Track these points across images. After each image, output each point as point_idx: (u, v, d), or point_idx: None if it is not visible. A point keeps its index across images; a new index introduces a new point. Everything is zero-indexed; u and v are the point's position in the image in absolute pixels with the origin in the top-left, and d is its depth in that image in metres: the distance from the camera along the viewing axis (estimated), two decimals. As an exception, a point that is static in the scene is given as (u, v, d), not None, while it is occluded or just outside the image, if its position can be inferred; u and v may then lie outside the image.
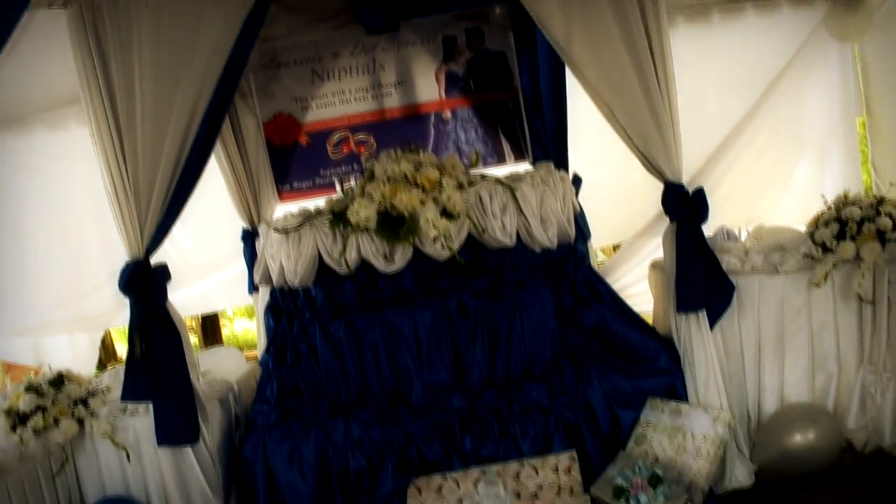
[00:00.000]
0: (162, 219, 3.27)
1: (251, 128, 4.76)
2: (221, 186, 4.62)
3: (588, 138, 4.62)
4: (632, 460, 3.27)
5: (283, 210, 4.61)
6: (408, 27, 4.72)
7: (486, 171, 4.36)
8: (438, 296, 3.53)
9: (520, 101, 4.76)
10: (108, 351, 7.12)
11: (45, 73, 3.96)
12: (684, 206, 3.42)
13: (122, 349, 6.80)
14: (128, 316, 3.33)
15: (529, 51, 4.60)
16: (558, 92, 4.35)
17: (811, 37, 4.30)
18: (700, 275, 3.40)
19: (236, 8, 3.29)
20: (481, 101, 4.80)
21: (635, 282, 4.57)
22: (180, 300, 3.71)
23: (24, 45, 3.49)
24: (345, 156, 4.85)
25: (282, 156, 4.85)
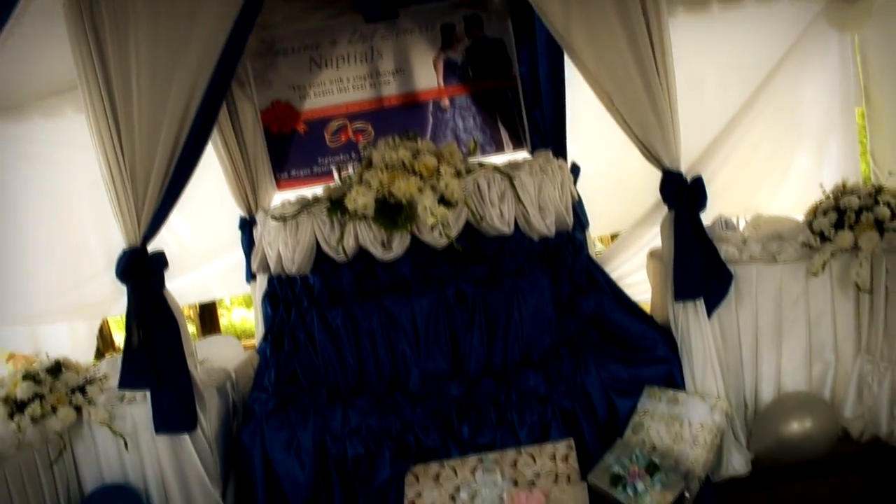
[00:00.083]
0: (159, 206, 3.26)
1: (249, 116, 4.74)
2: (219, 174, 4.61)
3: (587, 127, 4.60)
4: (629, 448, 3.27)
5: (281, 198, 4.60)
6: (406, 15, 4.71)
7: (484, 159, 4.36)
8: (436, 283, 3.52)
9: (518, 89, 4.74)
10: (105, 340, 7.12)
11: (41, 60, 3.92)
12: (682, 194, 3.41)
13: (120, 338, 6.80)
14: (125, 304, 3.33)
15: (528, 38, 4.58)
16: (557, 80, 4.34)
17: (810, 26, 4.28)
18: (698, 263, 3.40)
19: (234, -5, 3.28)
20: (479, 89, 4.78)
21: (633, 271, 4.56)
22: (178, 288, 3.70)
23: (21, 31, 3.46)
24: (343, 144, 4.83)
25: (279, 144, 4.84)
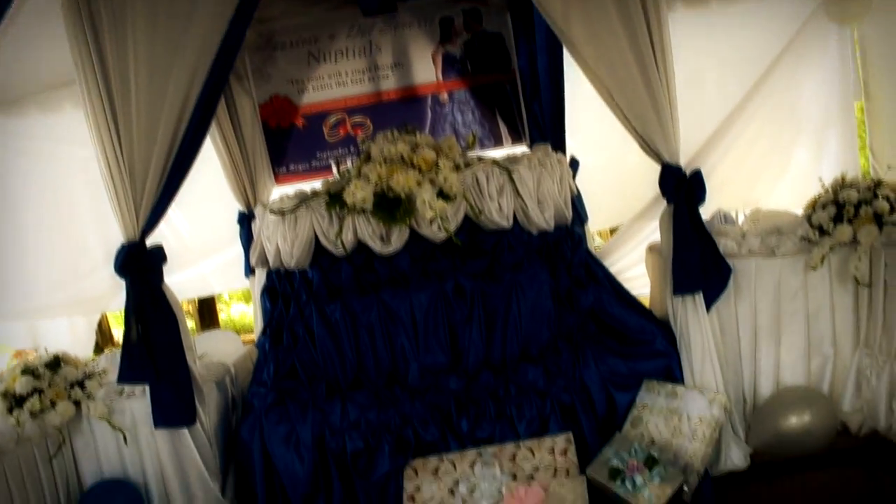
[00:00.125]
0: (157, 200, 3.25)
1: (247, 110, 4.73)
2: (217, 169, 4.60)
3: (586, 122, 4.60)
4: (628, 442, 3.27)
5: (280, 193, 4.59)
6: (405, 9, 4.69)
7: (483, 153, 4.35)
8: (435, 277, 3.51)
9: (517, 83, 4.73)
10: (105, 335, 7.13)
11: (38, 54, 3.92)
12: (681, 188, 3.40)
13: (119, 333, 6.80)
14: (124, 299, 3.32)
15: (527, 32, 4.57)
16: (556, 74, 4.34)
17: (809, 20, 4.26)
18: (697, 257, 3.39)
19: (232, -12, 3.27)
20: (478, 83, 4.77)
21: (632, 265, 4.56)
22: (177, 283, 3.71)
23: (18, 24, 3.45)
24: (341, 138, 4.82)
25: (278, 138, 4.83)
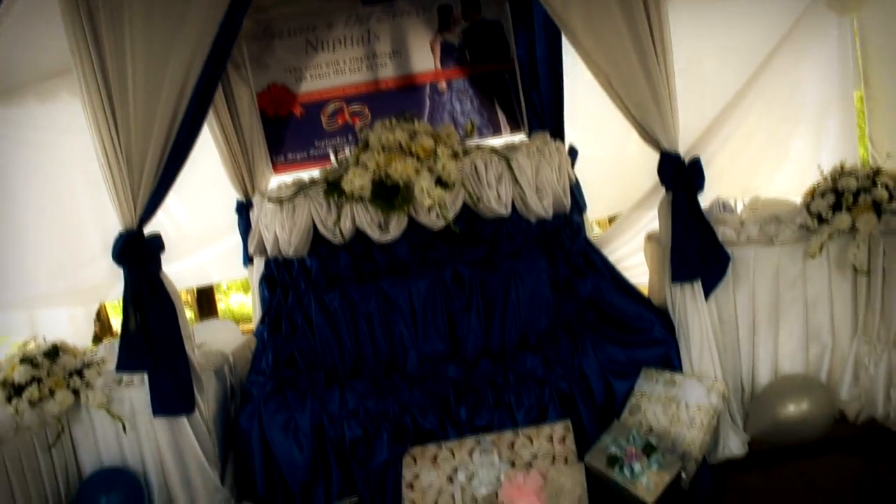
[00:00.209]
0: (155, 189, 3.25)
1: (245, 99, 4.71)
2: (216, 158, 4.59)
3: (584, 111, 4.59)
4: (626, 430, 3.28)
5: (278, 181, 4.58)
6: (403, -4, 4.67)
7: (481, 142, 4.34)
8: (433, 266, 3.51)
9: (516, 71, 4.70)
10: (104, 325, 7.13)
11: (35, 43, 3.89)
12: (680, 175, 3.39)
13: (118, 323, 6.80)
14: (123, 288, 3.32)
15: (526, 20, 4.54)
16: (554, 62, 4.33)
17: (809, 9, 4.23)
18: (695, 244, 3.39)
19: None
20: (477, 72, 4.74)
21: (631, 254, 4.57)
22: (175, 272, 3.70)
23: (14, 13, 3.44)
24: (339, 127, 4.81)
25: (276, 127, 4.81)
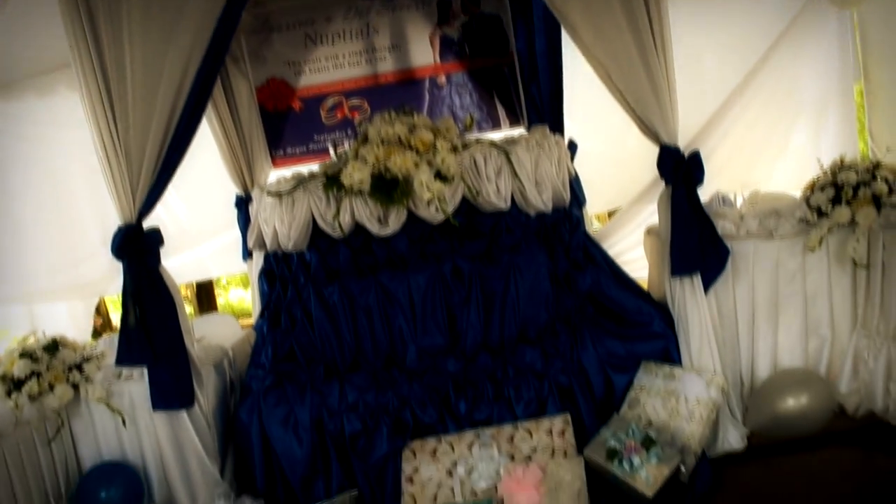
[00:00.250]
0: (154, 182, 3.25)
1: (244, 93, 4.70)
2: (215, 153, 4.58)
3: (584, 106, 4.59)
4: (625, 423, 3.28)
5: (277, 175, 4.58)
6: (402, -10, 4.65)
7: (481, 136, 4.33)
8: (433, 259, 3.51)
9: (515, 65, 4.68)
10: (104, 320, 7.13)
11: (33, 37, 3.90)
12: (680, 168, 3.39)
13: (118, 318, 6.80)
14: (122, 283, 3.32)
15: (525, 14, 4.53)
16: (554, 56, 4.31)
17: (809, 3, 4.23)
18: (695, 238, 3.39)
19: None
20: (476, 66, 4.73)
21: (630, 248, 4.56)
22: (175, 267, 3.70)
23: (12, 7, 3.43)
24: (338, 121, 4.80)
25: (275, 121, 4.80)
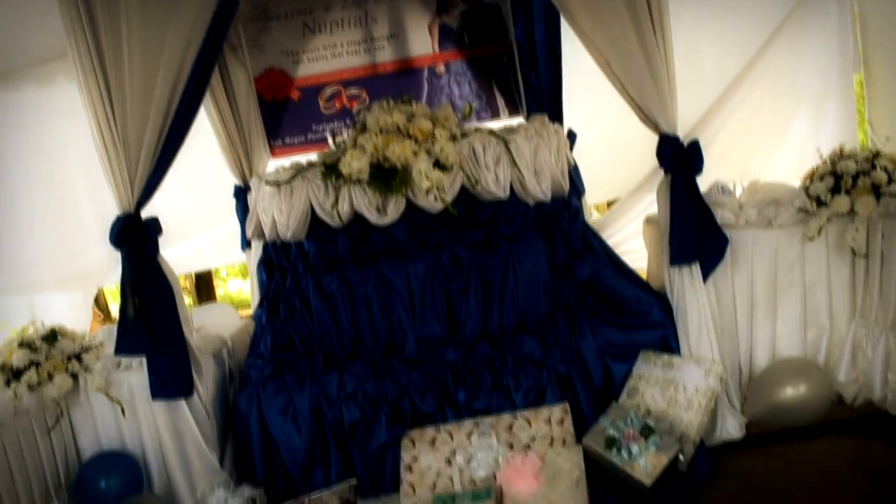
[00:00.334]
0: (152, 171, 3.24)
1: (242, 82, 4.67)
2: (213, 143, 4.56)
3: (583, 95, 4.57)
4: (624, 412, 3.29)
5: (276, 165, 4.56)
6: (401, -21, 4.63)
7: (480, 125, 4.32)
8: (431, 248, 3.51)
9: (514, 54, 4.65)
10: (104, 310, 7.13)
11: (31, 27, 3.88)
12: (679, 157, 3.39)
13: (116, 308, 6.81)
14: (120, 273, 3.32)
15: (524, 2, 4.49)
16: (553, 44, 4.29)
17: (809, -8, 4.25)
18: (694, 227, 3.39)
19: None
20: (475, 55, 4.71)
21: (630, 238, 4.56)
22: (174, 258, 3.69)
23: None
24: (337, 111, 4.78)
25: (273, 111, 4.78)
